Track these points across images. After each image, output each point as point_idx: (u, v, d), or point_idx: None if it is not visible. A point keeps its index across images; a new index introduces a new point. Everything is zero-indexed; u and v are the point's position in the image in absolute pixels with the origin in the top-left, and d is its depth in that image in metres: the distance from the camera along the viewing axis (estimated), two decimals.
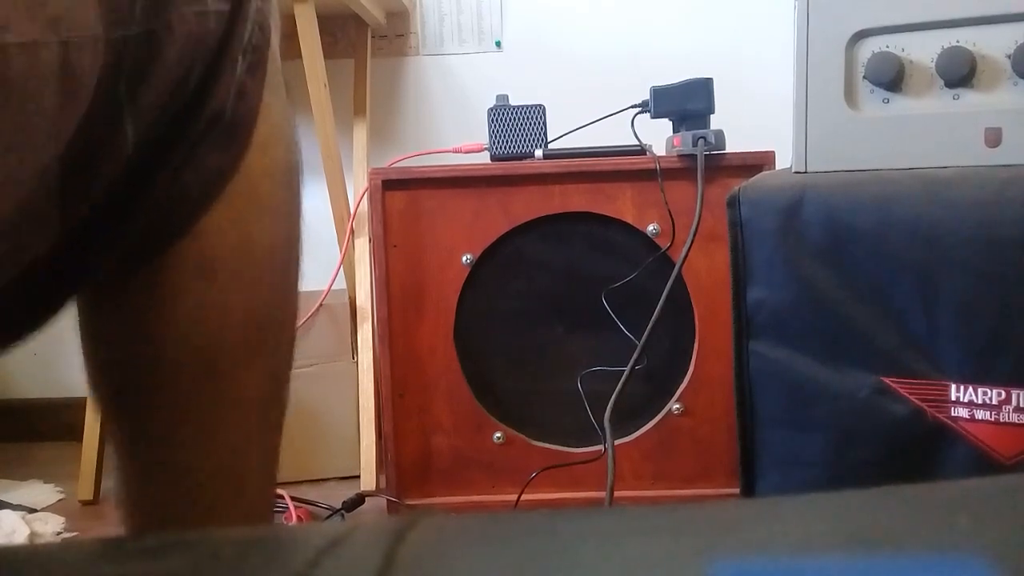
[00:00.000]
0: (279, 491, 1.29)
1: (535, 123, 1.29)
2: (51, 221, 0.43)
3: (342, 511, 1.29)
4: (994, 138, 0.75)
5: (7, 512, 1.29)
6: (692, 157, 1.17)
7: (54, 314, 0.50)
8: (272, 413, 0.59)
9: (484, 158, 1.32)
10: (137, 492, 0.58)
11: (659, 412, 1.25)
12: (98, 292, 0.52)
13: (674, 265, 1.11)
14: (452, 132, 1.70)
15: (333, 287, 1.51)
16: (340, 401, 1.47)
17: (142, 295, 0.51)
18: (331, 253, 1.52)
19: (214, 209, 0.50)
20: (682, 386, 1.24)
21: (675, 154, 1.21)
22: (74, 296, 0.51)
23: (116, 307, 0.53)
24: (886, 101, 0.80)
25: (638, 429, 1.25)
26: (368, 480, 1.40)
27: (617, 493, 1.12)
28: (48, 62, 0.37)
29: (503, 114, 1.29)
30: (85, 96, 0.40)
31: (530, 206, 1.22)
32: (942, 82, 0.77)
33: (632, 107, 1.25)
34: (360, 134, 1.61)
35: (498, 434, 1.26)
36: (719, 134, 1.18)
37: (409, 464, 1.27)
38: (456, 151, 1.41)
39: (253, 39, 0.50)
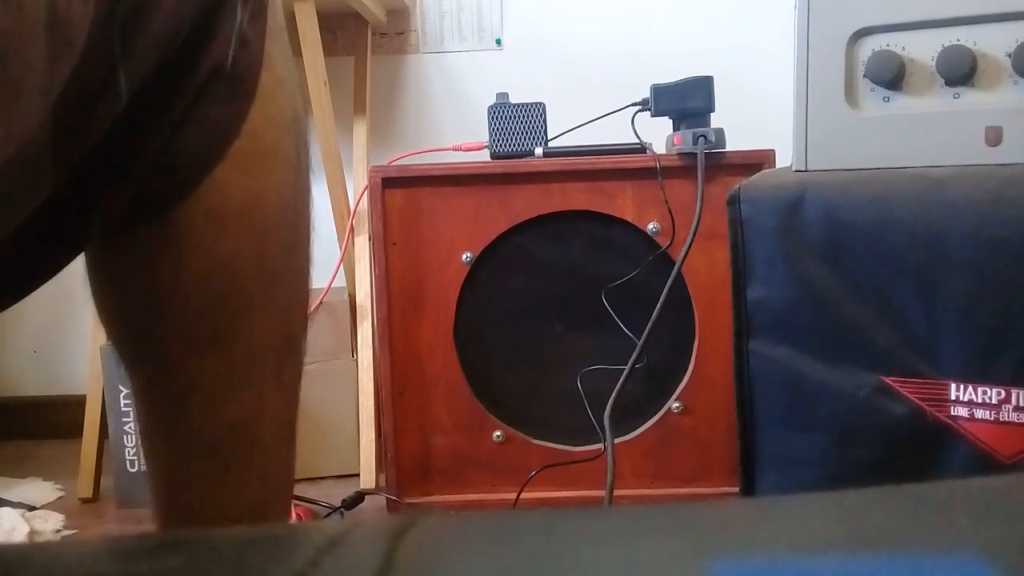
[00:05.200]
0: None
1: (535, 121, 1.29)
2: (44, 175, 0.43)
3: (342, 509, 1.29)
4: (994, 137, 0.75)
5: (7, 510, 1.29)
6: (692, 155, 1.17)
7: (54, 271, 0.49)
8: (286, 371, 0.58)
9: (484, 156, 1.32)
10: (157, 448, 0.58)
11: (659, 411, 1.25)
12: (108, 247, 0.52)
13: (674, 264, 1.11)
14: (452, 130, 1.70)
15: (333, 285, 1.51)
16: (340, 399, 1.47)
17: (152, 248, 0.51)
18: (331, 251, 1.52)
19: (221, 161, 0.50)
20: (682, 385, 1.24)
21: (675, 152, 1.21)
22: (76, 253, 0.50)
23: (125, 259, 0.53)
24: (886, 100, 0.79)
25: (638, 428, 1.25)
26: (368, 478, 1.40)
27: (617, 492, 1.12)
28: (35, 14, 0.37)
29: (503, 112, 1.29)
30: (76, 48, 0.39)
31: (530, 204, 1.22)
32: (942, 81, 0.77)
33: (632, 105, 1.25)
34: (360, 132, 1.61)
35: (498, 432, 1.26)
36: (719, 132, 1.18)
37: (409, 462, 1.27)
38: (456, 149, 1.41)
39: None
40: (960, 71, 0.76)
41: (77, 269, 0.53)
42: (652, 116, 1.24)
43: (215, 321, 0.53)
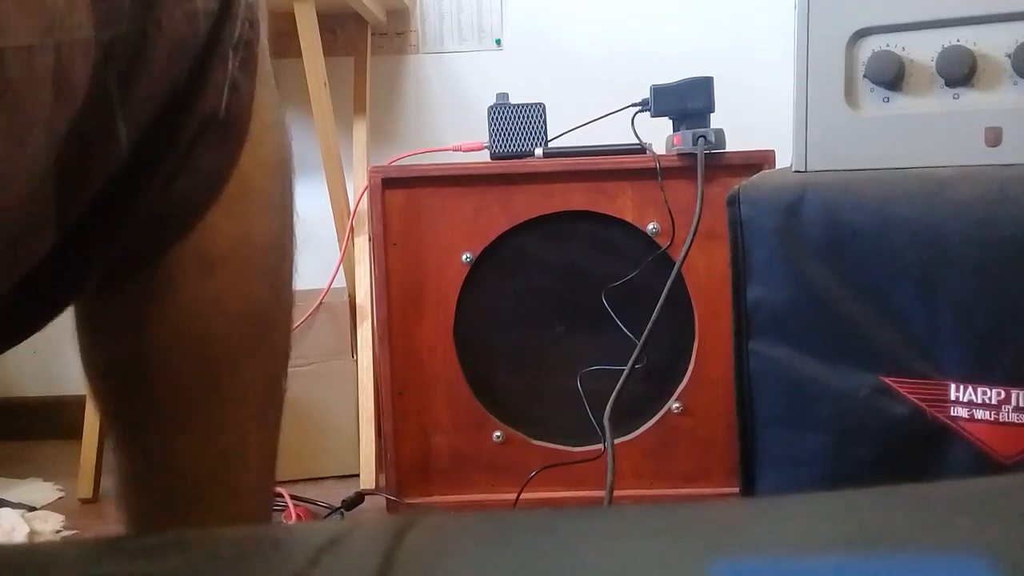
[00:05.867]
0: (278, 489, 1.29)
1: (535, 121, 1.29)
2: (48, 223, 0.43)
3: (341, 509, 1.29)
4: (994, 137, 0.75)
5: (7, 510, 1.29)
6: (692, 156, 1.17)
7: (53, 316, 0.50)
8: (269, 412, 0.59)
9: (484, 156, 1.32)
10: (136, 491, 0.58)
11: (659, 411, 1.25)
12: (96, 293, 0.52)
13: (674, 264, 1.11)
14: (452, 130, 1.70)
15: (333, 285, 1.51)
16: (340, 400, 1.47)
17: (140, 293, 0.52)
18: (331, 251, 1.52)
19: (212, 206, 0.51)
20: (682, 385, 1.24)
21: (675, 153, 1.21)
22: (69, 304, 0.51)
23: (114, 307, 0.53)
24: (886, 100, 0.79)
25: (638, 428, 1.25)
26: (367, 479, 1.40)
27: (617, 492, 1.12)
28: (43, 65, 0.37)
29: (503, 112, 1.29)
30: (78, 97, 0.40)
31: (530, 205, 1.22)
32: (942, 81, 0.77)
33: (632, 106, 1.25)
34: (360, 132, 1.61)
35: (497, 433, 1.26)
36: (719, 133, 1.18)
37: (408, 463, 1.27)
38: (456, 149, 1.41)
39: (243, 36, 0.50)
40: (960, 71, 0.76)
41: None
42: (652, 116, 1.24)
43: (202, 365, 0.54)
